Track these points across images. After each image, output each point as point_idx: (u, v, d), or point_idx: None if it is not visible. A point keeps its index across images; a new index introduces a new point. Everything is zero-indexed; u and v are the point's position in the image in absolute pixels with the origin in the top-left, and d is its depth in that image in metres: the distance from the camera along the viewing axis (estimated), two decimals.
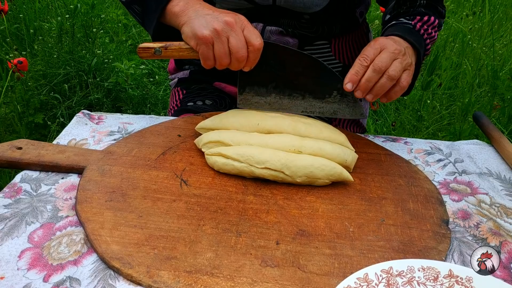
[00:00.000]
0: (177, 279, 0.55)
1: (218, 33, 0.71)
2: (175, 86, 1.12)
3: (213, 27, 0.71)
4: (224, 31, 0.71)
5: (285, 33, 0.94)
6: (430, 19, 0.87)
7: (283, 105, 0.81)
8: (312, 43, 0.96)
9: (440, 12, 0.91)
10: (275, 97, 0.81)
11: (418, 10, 0.89)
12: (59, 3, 2.58)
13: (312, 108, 0.81)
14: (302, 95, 0.80)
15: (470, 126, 1.98)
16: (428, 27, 0.87)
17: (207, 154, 0.76)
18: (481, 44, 2.57)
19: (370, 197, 0.71)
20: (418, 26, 0.86)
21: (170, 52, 0.78)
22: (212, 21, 0.72)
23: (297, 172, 0.71)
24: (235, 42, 0.72)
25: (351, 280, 0.53)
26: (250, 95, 0.82)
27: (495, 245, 0.64)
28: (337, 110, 0.80)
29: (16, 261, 0.57)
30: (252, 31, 0.73)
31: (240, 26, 0.73)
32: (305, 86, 0.79)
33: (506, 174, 0.80)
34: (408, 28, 0.84)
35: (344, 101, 0.80)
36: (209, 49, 0.73)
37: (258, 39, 0.73)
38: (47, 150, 0.77)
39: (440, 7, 0.91)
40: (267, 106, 0.82)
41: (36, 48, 2.18)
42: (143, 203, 0.67)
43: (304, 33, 0.95)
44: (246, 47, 0.73)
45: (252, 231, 0.63)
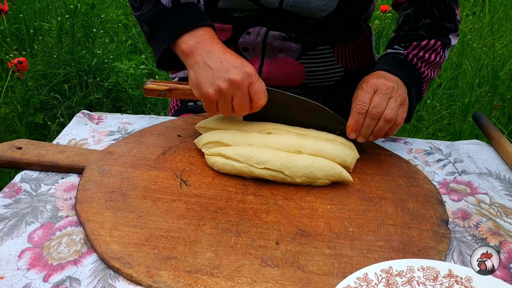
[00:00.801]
0: (177, 279, 0.55)
1: (223, 93, 0.71)
2: None
3: (218, 86, 0.71)
4: (229, 91, 0.71)
5: (288, 39, 0.93)
6: (429, 43, 0.88)
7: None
8: (315, 48, 0.96)
9: (448, 29, 0.91)
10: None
11: (418, 34, 0.89)
12: (59, 3, 2.59)
13: None
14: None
15: (470, 126, 1.98)
16: (426, 53, 0.87)
17: (207, 154, 0.76)
18: (481, 44, 2.57)
19: (370, 197, 0.71)
20: (411, 56, 0.87)
21: (175, 94, 0.79)
22: (218, 78, 0.71)
23: (297, 172, 0.71)
24: (239, 101, 0.72)
25: (351, 280, 0.53)
26: None
27: (494, 245, 0.64)
28: None
29: (16, 261, 0.57)
30: (258, 88, 0.73)
31: (247, 84, 0.72)
32: (309, 124, 0.80)
33: (506, 174, 0.81)
34: (398, 60, 0.86)
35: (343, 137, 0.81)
36: (213, 105, 0.74)
37: (262, 97, 0.73)
38: (47, 150, 0.77)
39: (448, 22, 0.91)
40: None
41: (36, 48, 2.18)
42: (143, 203, 0.67)
43: (307, 39, 0.94)
44: (249, 105, 0.73)
45: (252, 231, 0.63)
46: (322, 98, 1.02)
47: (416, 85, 0.85)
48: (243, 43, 0.95)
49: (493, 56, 2.32)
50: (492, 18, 2.89)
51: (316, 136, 0.77)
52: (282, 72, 0.95)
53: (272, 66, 0.95)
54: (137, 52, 2.60)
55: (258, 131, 0.78)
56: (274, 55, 0.95)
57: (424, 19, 0.90)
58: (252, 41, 0.94)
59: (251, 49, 0.96)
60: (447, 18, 0.91)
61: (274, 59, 0.95)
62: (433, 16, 0.90)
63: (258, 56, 0.96)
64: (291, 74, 0.95)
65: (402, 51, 0.87)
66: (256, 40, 0.94)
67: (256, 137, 0.76)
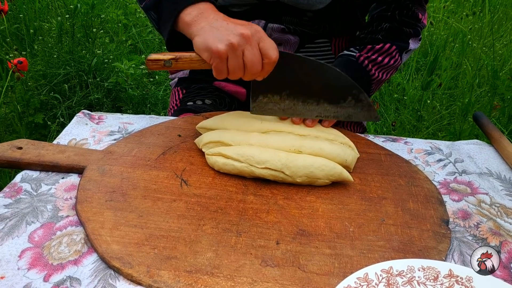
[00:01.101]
0: (177, 279, 0.55)
1: (233, 48, 0.69)
2: (175, 85, 1.12)
3: (229, 41, 0.69)
4: (240, 45, 0.69)
5: (287, 31, 0.95)
6: (384, 47, 0.92)
7: (297, 110, 0.81)
8: (313, 41, 0.97)
9: (407, 34, 0.94)
10: (289, 104, 0.81)
11: (375, 37, 0.93)
12: (59, 3, 2.59)
13: (327, 112, 0.81)
14: (317, 101, 0.80)
15: (470, 126, 1.98)
16: (380, 56, 0.91)
17: (208, 154, 0.76)
18: (481, 44, 2.57)
19: (370, 197, 0.71)
20: (362, 58, 0.91)
21: (181, 64, 0.76)
22: (227, 34, 0.70)
23: (297, 172, 0.71)
24: (251, 56, 0.70)
25: (351, 280, 0.53)
26: (264, 102, 0.81)
27: (495, 245, 0.64)
28: (352, 114, 0.81)
29: (17, 260, 0.57)
30: (269, 43, 0.72)
31: (257, 39, 0.71)
32: (319, 92, 0.79)
33: (506, 174, 0.81)
34: (349, 62, 0.90)
35: (359, 106, 0.80)
36: (223, 63, 0.71)
37: (275, 52, 0.72)
38: (47, 150, 0.77)
39: (408, 27, 0.93)
40: (280, 112, 0.82)
41: (36, 48, 2.18)
42: (143, 203, 0.67)
43: (306, 31, 0.95)
44: (261, 60, 0.72)
45: (252, 231, 0.63)
46: None
47: (363, 86, 0.89)
48: None
49: (493, 56, 2.32)
50: (492, 18, 2.89)
51: (316, 136, 0.77)
52: None
53: None
54: (137, 52, 2.60)
55: (258, 131, 0.78)
56: None
57: (384, 23, 0.93)
58: None
59: None
60: (408, 23, 0.94)
61: None
62: (393, 21, 0.93)
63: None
64: None
65: (355, 53, 0.92)
66: None
67: (256, 137, 0.76)
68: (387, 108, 2.25)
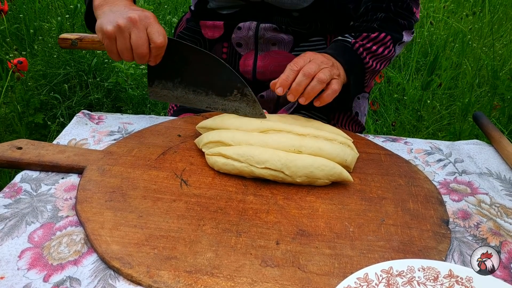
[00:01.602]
0: (177, 279, 0.55)
1: (120, 29, 0.74)
2: None
3: (116, 22, 0.74)
4: (126, 27, 0.74)
5: (279, 30, 0.95)
6: (379, 36, 0.92)
7: (189, 99, 0.84)
8: (307, 39, 0.98)
9: (401, 25, 0.94)
10: (181, 92, 0.84)
11: (371, 26, 0.93)
12: (59, 3, 2.58)
13: (215, 104, 0.84)
14: (206, 92, 0.83)
15: (470, 126, 1.98)
16: (374, 45, 0.91)
17: (207, 154, 0.76)
18: (481, 44, 2.57)
19: (370, 197, 0.71)
20: (357, 45, 0.90)
21: (85, 44, 0.83)
22: (117, 17, 0.75)
23: (297, 172, 0.71)
24: (136, 38, 0.75)
25: (351, 280, 0.53)
26: (159, 88, 0.85)
27: (495, 245, 0.64)
28: (238, 108, 0.83)
29: (16, 261, 0.57)
30: (156, 29, 0.75)
31: (144, 24, 0.75)
32: (208, 83, 0.82)
33: (506, 174, 0.80)
34: (344, 47, 0.90)
35: (244, 100, 0.82)
36: (112, 44, 0.76)
37: (160, 37, 0.75)
38: (47, 150, 0.77)
39: (403, 19, 0.94)
40: (174, 100, 0.85)
41: (36, 48, 2.18)
42: (143, 203, 0.67)
43: (298, 30, 0.96)
44: (147, 44, 0.75)
45: (252, 231, 0.63)
46: None
47: (357, 73, 0.89)
48: (236, 38, 0.98)
49: (493, 56, 2.32)
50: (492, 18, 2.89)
51: (315, 136, 0.77)
52: (277, 65, 0.97)
53: (266, 60, 0.97)
54: None
55: (258, 131, 0.78)
56: (267, 48, 0.97)
57: (380, 13, 0.93)
58: (244, 36, 0.96)
59: (244, 44, 0.97)
60: (402, 14, 0.94)
61: (267, 53, 0.97)
62: (389, 11, 0.93)
63: (251, 51, 0.98)
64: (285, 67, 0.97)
65: (350, 39, 0.91)
66: (248, 35, 0.96)
67: (256, 137, 0.76)
68: (387, 108, 2.25)
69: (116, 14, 0.76)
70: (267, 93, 1.02)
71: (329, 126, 0.83)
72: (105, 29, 0.75)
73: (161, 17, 2.87)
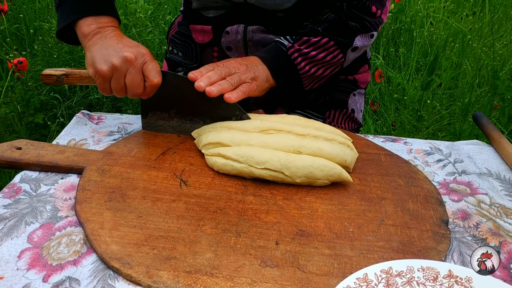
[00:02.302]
0: (177, 279, 0.55)
1: (116, 69, 0.73)
2: None
3: (111, 62, 0.73)
4: (122, 68, 0.73)
5: (267, 31, 0.95)
6: (321, 41, 0.88)
7: (186, 128, 0.84)
8: None
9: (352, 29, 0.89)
10: (177, 122, 0.84)
11: (315, 29, 0.89)
12: None
13: None
14: (203, 120, 0.83)
15: (470, 126, 1.98)
16: (313, 50, 0.88)
17: (207, 155, 0.76)
18: (481, 44, 2.57)
19: (369, 197, 0.71)
20: (292, 50, 0.88)
21: (72, 79, 0.81)
22: (111, 55, 0.73)
23: (297, 173, 0.71)
24: (131, 79, 0.74)
25: (351, 280, 0.53)
26: (153, 119, 0.85)
27: (494, 245, 0.64)
28: None
29: (16, 261, 0.57)
30: (152, 67, 0.75)
31: (141, 62, 0.74)
32: (205, 113, 0.82)
33: (506, 174, 0.80)
34: (277, 51, 0.88)
35: None
36: (106, 83, 0.75)
37: (156, 76, 0.75)
38: (46, 150, 0.77)
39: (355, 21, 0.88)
40: (170, 129, 0.85)
41: (36, 48, 2.18)
42: (142, 203, 0.67)
43: (286, 31, 0.94)
44: (142, 83, 0.75)
45: (251, 231, 0.63)
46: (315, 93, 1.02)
47: (287, 77, 0.88)
48: (225, 42, 0.98)
49: (493, 56, 2.32)
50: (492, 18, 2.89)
51: (315, 136, 0.77)
52: None
53: None
54: None
55: (258, 131, 0.78)
56: (257, 50, 0.96)
57: (330, 14, 0.89)
58: (233, 40, 0.96)
59: (234, 48, 0.97)
60: (355, 16, 0.88)
61: None
62: (340, 12, 0.88)
63: (242, 54, 0.98)
64: None
65: (286, 43, 0.89)
66: (237, 38, 0.96)
67: (256, 138, 0.76)
68: (387, 108, 2.25)
69: (109, 51, 0.74)
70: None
71: (329, 126, 0.83)
72: (99, 69, 0.73)
73: (161, 17, 2.87)
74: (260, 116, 0.83)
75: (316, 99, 1.03)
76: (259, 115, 0.84)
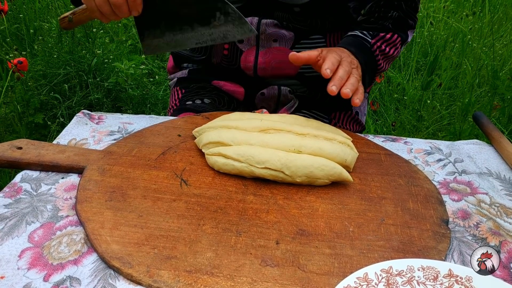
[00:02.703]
0: (177, 279, 0.55)
1: None
2: (174, 85, 1.13)
3: None
4: None
5: (281, 26, 0.95)
6: (392, 38, 0.93)
7: (178, 41, 0.83)
8: (308, 36, 0.98)
9: (409, 25, 0.95)
10: (169, 35, 0.83)
11: (385, 25, 0.93)
12: (59, 3, 2.59)
13: (203, 37, 0.82)
14: (191, 26, 0.82)
15: (470, 126, 1.99)
16: (387, 47, 0.92)
17: (208, 154, 0.76)
18: (481, 44, 2.57)
19: (370, 197, 0.71)
20: (375, 47, 0.91)
21: (78, 15, 0.84)
22: None
23: (297, 172, 0.71)
24: None
25: (351, 280, 0.53)
26: (150, 40, 0.84)
27: (494, 244, 0.64)
28: (226, 33, 0.81)
29: (16, 260, 0.57)
30: None
31: None
32: (191, 17, 0.81)
33: (506, 174, 0.81)
34: (364, 46, 0.90)
35: (229, 21, 0.80)
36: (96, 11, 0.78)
37: None
38: (47, 150, 0.77)
39: (411, 19, 0.95)
40: (166, 47, 0.84)
41: (36, 48, 2.18)
42: (143, 203, 0.67)
43: (299, 27, 0.96)
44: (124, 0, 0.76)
45: (252, 230, 0.63)
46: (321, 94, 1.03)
47: (370, 74, 0.90)
48: None
49: (493, 56, 2.33)
50: (492, 18, 2.89)
51: (315, 135, 0.77)
52: (278, 62, 0.98)
53: (267, 56, 0.98)
54: (137, 52, 2.60)
55: (258, 131, 0.78)
56: (269, 44, 0.97)
57: (393, 11, 0.93)
58: None
59: (246, 40, 0.98)
60: (411, 14, 0.95)
61: (268, 49, 0.98)
62: (400, 10, 0.93)
63: (253, 47, 0.98)
64: (286, 63, 0.97)
65: (369, 39, 0.91)
66: None
67: (256, 137, 0.76)
68: (387, 108, 2.25)
69: None
70: (268, 90, 1.02)
71: (328, 125, 0.83)
72: None
73: None
74: (259, 115, 0.83)
75: (322, 99, 1.04)
76: (259, 115, 0.84)
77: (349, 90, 0.77)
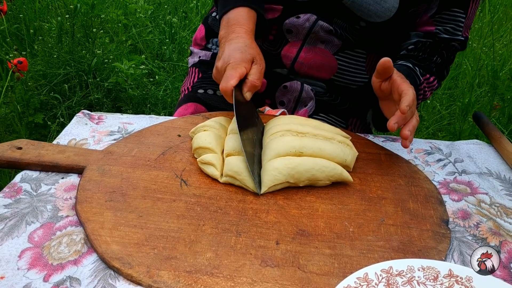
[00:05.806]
0: (177, 279, 0.55)
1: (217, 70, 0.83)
2: (193, 64, 1.11)
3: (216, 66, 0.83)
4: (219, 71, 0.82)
5: (334, 33, 0.95)
6: (433, 82, 0.96)
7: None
8: (353, 48, 0.97)
9: (443, 76, 0.98)
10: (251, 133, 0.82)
11: (430, 67, 0.95)
12: (59, 3, 2.59)
13: None
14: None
15: (470, 126, 1.99)
16: (427, 88, 0.95)
17: (201, 163, 0.74)
18: (481, 44, 2.57)
19: (370, 197, 0.71)
20: (423, 86, 0.93)
21: None
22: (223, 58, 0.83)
23: (300, 178, 0.70)
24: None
25: (351, 280, 0.53)
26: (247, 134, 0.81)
27: (495, 245, 0.64)
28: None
29: (16, 260, 0.57)
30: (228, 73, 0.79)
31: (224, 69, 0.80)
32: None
33: (506, 174, 0.81)
34: (415, 82, 0.91)
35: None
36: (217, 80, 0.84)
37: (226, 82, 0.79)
38: (47, 150, 0.77)
39: (446, 70, 0.98)
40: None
41: (36, 48, 2.18)
42: (143, 203, 0.67)
43: (351, 38, 0.96)
44: None
45: (252, 231, 0.63)
46: (341, 99, 1.03)
47: None
48: (288, 24, 0.97)
49: (493, 56, 2.33)
50: (492, 18, 2.89)
51: (314, 135, 0.77)
52: (318, 62, 0.98)
53: (310, 54, 0.98)
54: (137, 52, 2.60)
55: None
56: (315, 43, 0.97)
57: (437, 57, 0.95)
58: (299, 25, 0.96)
59: (295, 32, 0.97)
60: (447, 65, 0.98)
61: (313, 47, 0.97)
62: (442, 57, 0.96)
63: (299, 41, 0.98)
64: (325, 66, 0.98)
65: (420, 76, 0.93)
66: (304, 25, 0.96)
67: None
68: None
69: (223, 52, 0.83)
70: (291, 84, 1.01)
71: (327, 125, 0.83)
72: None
73: (161, 17, 2.87)
74: None
75: (341, 104, 1.04)
76: None
77: (409, 133, 0.76)
